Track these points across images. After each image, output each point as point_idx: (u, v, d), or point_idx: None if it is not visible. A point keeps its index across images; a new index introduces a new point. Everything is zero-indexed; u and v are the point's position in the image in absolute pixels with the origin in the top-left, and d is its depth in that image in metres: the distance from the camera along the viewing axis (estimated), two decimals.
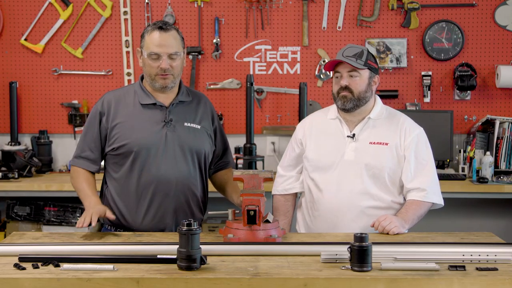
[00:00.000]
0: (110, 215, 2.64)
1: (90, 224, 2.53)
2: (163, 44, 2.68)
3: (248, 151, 4.13)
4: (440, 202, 2.87)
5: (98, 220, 2.61)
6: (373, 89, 2.86)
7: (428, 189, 2.81)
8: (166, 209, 2.75)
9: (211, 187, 3.02)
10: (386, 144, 2.82)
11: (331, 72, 2.89)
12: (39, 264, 2.15)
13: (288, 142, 4.59)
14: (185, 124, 2.78)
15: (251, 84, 4.16)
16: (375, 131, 2.86)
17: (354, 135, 2.85)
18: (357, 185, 2.82)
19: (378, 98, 2.93)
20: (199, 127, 2.81)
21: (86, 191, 2.73)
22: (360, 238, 2.10)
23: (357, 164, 2.81)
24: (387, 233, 2.63)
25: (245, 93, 4.21)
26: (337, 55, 2.84)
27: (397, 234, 2.64)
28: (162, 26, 2.71)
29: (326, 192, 2.87)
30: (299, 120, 4.19)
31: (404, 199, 2.87)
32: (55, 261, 2.17)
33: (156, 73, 2.69)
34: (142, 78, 2.82)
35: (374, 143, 2.83)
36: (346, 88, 2.80)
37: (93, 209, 2.60)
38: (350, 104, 2.80)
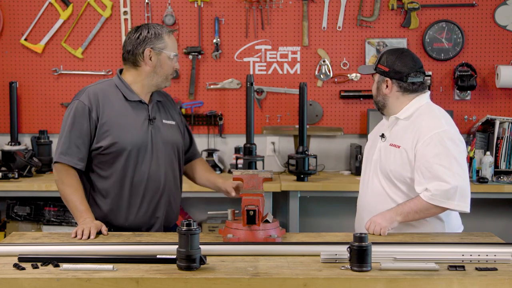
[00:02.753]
0: (104, 231, 2.61)
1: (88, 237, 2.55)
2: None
3: (248, 151, 4.13)
4: (453, 207, 2.65)
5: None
6: (385, 92, 2.79)
7: (435, 191, 2.62)
8: (156, 204, 2.80)
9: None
10: (398, 147, 2.74)
11: (331, 72, 2.89)
12: (39, 264, 2.15)
13: (287, 142, 4.66)
14: (164, 121, 2.84)
15: (251, 84, 4.16)
16: (397, 132, 2.80)
17: (383, 134, 2.84)
18: (375, 185, 2.82)
19: (416, 99, 2.79)
20: (174, 123, 2.89)
21: (79, 206, 2.66)
22: (359, 238, 2.10)
23: (376, 164, 2.82)
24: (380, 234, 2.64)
25: (245, 93, 4.21)
26: None
27: (397, 233, 2.65)
28: (173, 30, 2.84)
29: (359, 192, 2.95)
30: (299, 120, 4.18)
31: None
32: (54, 261, 2.17)
33: (171, 73, 2.80)
34: (120, 72, 2.83)
35: (391, 144, 2.78)
36: None
37: (91, 223, 2.59)
38: (375, 106, 2.91)
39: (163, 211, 2.82)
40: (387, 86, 2.78)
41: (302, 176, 4.13)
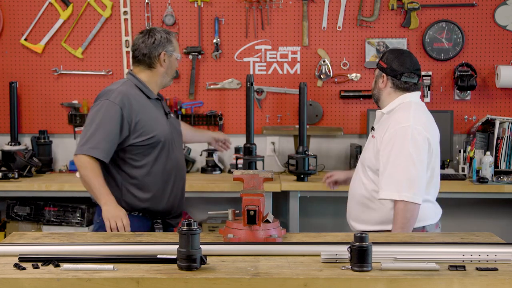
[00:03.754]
0: (127, 221, 2.85)
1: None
2: None
3: (248, 151, 4.13)
4: (402, 198, 2.76)
5: None
6: (380, 87, 3.01)
7: (383, 186, 2.82)
8: (182, 189, 3.15)
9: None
10: (374, 137, 2.98)
11: (331, 72, 2.97)
12: (39, 264, 2.15)
13: (287, 142, 4.65)
14: (171, 115, 3.19)
15: (251, 84, 4.16)
16: (379, 125, 3.01)
17: (373, 127, 3.07)
18: (358, 176, 3.05)
19: (402, 97, 2.97)
20: (173, 115, 3.26)
21: (102, 190, 2.87)
22: (360, 238, 2.10)
23: (362, 154, 3.11)
24: None
25: (245, 93, 4.21)
26: None
27: (397, 233, 2.65)
28: (175, 33, 3.22)
29: None
30: (299, 120, 4.17)
31: None
32: (55, 261, 2.17)
33: (175, 72, 3.17)
34: (132, 74, 3.07)
35: (373, 136, 3.01)
36: None
37: (120, 212, 2.84)
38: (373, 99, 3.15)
39: (184, 195, 3.18)
40: (382, 81, 3.00)
41: (302, 176, 4.13)
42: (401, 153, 2.80)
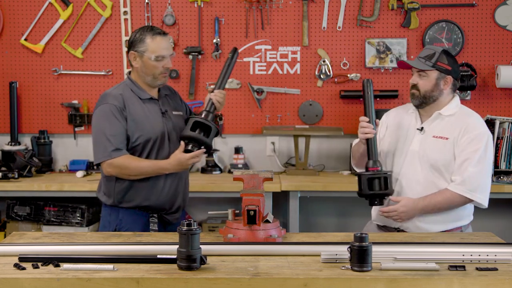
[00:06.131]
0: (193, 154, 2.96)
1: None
2: (167, 47, 3.06)
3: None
4: (474, 198, 2.89)
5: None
6: (443, 88, 2.99)
7: (458, 180, 2.88)
8: (176, 186, 3.09)
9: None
10: (447, 138, 2.96)
11: (331, 72, 2.95)
12: (39, 264, 2.16)
13: (287, 142, 4.65)
14: (174, 113, 3.16)
15: (233, 54, 3.25)
16: (441, 126, 3.01)
17: (422, 128, 3.03)
18: (415, 173, 2.99)
19: (456, 97, 3.06)
20: (181, 113, 3.22)
21: (157, 164, 2.98)
22: (360, 238, 2.11)
23: (418, 154, 3.01)
24: None
25: (231, 70, 3.29)
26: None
27: (398, 233, 2.66)
28: (161, 32, 3.05)
29: (394, 171, 3.09)
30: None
31: None
32: (55, 261, 2.17)
33: (160, 72, 3.04)
34: (128, 76, 3.13)
35: (436, 136, 2.99)
36: (414, 86, 3.03)
37: (182, 160, 2.94)
38: (417, 101, 3.03)
39: (182, 190, 3.14)
40: (445, 83, 2.99)
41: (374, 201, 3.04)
42: (483, 159, 2.90)
